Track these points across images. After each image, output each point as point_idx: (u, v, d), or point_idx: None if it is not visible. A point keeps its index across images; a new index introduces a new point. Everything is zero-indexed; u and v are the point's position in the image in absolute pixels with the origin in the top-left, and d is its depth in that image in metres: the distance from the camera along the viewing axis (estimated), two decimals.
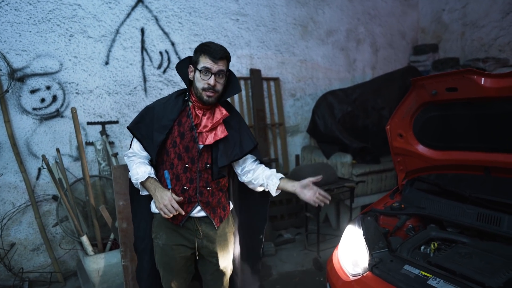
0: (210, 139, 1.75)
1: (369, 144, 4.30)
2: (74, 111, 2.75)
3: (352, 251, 2.04)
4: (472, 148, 2.02)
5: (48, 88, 3.26)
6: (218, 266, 1.90)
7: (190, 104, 1.79)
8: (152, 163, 1.87)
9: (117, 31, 3.54)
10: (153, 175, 1.80)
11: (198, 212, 1.83)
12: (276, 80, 4.63)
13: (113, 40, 3.53)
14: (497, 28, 5.17)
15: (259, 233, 2.09)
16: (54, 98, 3.30)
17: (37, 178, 3.27)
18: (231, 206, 2.00)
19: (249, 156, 1.92)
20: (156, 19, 3.75)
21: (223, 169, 1.83)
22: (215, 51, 1.66)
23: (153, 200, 1.85)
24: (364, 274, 1.84)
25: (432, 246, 1.91)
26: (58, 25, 3.25)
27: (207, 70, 1.66)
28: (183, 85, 3.95)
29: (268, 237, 3.91)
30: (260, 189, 1.95)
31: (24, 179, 3.14)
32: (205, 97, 1.71)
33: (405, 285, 1.64)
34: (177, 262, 1.86)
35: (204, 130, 1.75)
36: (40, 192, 3.29)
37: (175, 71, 3.83)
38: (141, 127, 1.80)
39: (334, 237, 4.04)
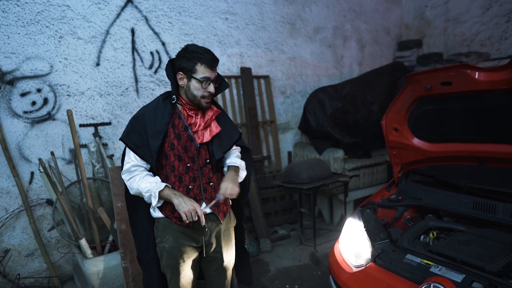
0: (207, 136, 1.80)
1: (360, 139, 4.39)
2: (70, 114, 2.72)
3: (353, 243, 2.09)
4: (466, 140, 2.10)
5: (38, 90, 3.21)
6: (223, 261, 1.95)
7: (180, 106, 1.80)
8: (151, 170, 1.85)
9: (107, 32, 3.50)
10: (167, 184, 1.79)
11: (203, 209, 1.84)
12: (266, 78, 4.66)
13: (104, 41, 3.49)
14: (478, 23, 5.34)
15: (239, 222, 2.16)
16: (45, 100, 3.24)
17: (30, 182, 3.22)
18: (231, 202, 2.04)
19: (232, 149, 1.98)
20: (146, 19, 3.72)
21: (220, 161, 1.88)
22: (212, 60, 1.69)
23: (152, 206, 1.84)
24: (367, 265, 1.90)
25: (431, 235, 1.98)
26: (47, 26, 3.20)
27: (207, 80, 1.70)
28: None
29: (264, 234, 3.95)
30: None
31: (17, 183, 3.08)
32: (204, 104, 1.75)
33: (409, 274, 1.70)
34: (185, 264, 1.87)
35: (199, 129, 1.79)
36: (33, 197, 3.23)
37: None
38: (133, 137, 1.76)
39: (329, 232, 4.12)
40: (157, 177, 1.79)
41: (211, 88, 1.72)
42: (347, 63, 5.55)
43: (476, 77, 1.79)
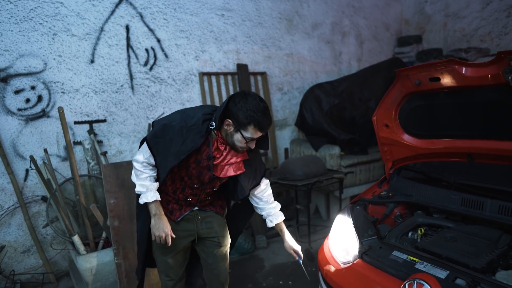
0: (231, 172, 1.83)
1: (356, 135, 4.36)
2: (61, 111, 2.73)
3: (342, 240, 2.09)
4: (456, 136, 2.08)
5: (32, 88, 3.22)
6: (220, 244, 2.01)
7: (214, 136, 1.77)
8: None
9: (102, 29, 3.50)
10: (158, 198, 1.84)
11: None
12: (263, 74, 4.64)
13: (98, 38, 3.49)
14: (478, 18, 5.28)
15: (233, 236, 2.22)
16: (40, 98, 3.26)
17: (25, 179, 3.24)
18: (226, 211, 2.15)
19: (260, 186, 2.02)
20: (141, 16, 3.72)
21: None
22: (266, 127, 1.70)
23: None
24: (355, 262, 1.89)
25: (419, 232, 1.97)
26: (40, 23, 3.20)
27: (252, 139, 1.72)
28: (170, 82, 3.94)
29: (260, 230, 3.95)
30: (261, 214, 2.10)
31: (11, 180, 3.10)
32: (239, 149, 1.78)
33: (394, 270, 1.69)
34: (176, 248, 1.94)
35: (223, 163, 1.81)
36: (28, 194, 3.25)
37: (162, 68, 3.87)
38: (158, 142, 1.75)
39: (325, 228, 4.11)
40: (157, 185, 1.83)
41: (252, 145, 1.75)
42: (345, 59, 5.52)
43: (463, 72, 1.77)
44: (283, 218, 2.11)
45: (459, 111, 2.04)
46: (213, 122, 1.71)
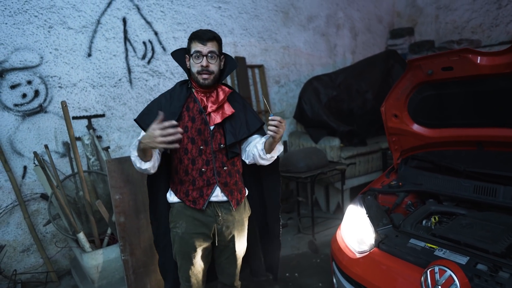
0: (218, 118, 1.80)
1: (355, 127, 4.40)
2: (64, 105, 2.65)
3: (356, 230, 2.10)
4: (466, 125, 2.11)
5: (29, 82, 3.12)
6: (234, 250, 1.96)
7: (194, 90, 1.84)
8: (161, 150, 1.82)
9: (98, 22, 3.41)
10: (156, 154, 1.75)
11: (218, 195, 1.86)
12: (260, 67, 4.62)
13: (95, 31, 3.40)
14: (469, 11, 5.36)
15: (275, 214, 2.16)
16: (36, 93, 3.16)
17: (23, 177, 3.15)
18: (247, 192, 2.03)
19: (253, 138, 1.95)
20: (138, 8, 3.64)
21: (234, 147, 1.86)
22: (203, 34, 1.74)
23: (169, 190, 1.92)
24: (371, 251, 1.91)
25: (433, 219, 2.00)
26: (35, 16, 3.10)
27: (198, 53, 1.73)
28: (168, 76, 3.88)
29: None
30: (261, 161, 1.88)
31: (9, 178, 3.01)
32: (201, 80, 1.76)
33: (413, 258, 1.71)
34: (196, 251, 1.88)
35: (211, 111, 1.80)
36: (27, 191, 3.17)
37: (160, 62, 3.81)
38: (147, 119, 1.77)
39: (326, 220, 4.14)
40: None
41: (204, 61, 1.72)
42: (340, 52, 5.54)
43: (478, 61, 1.79)
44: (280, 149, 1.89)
45: (469, 99, 2.07)
46: (189, 81, 1.85)
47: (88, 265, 2.75)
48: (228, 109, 1.82)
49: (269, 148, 1.80)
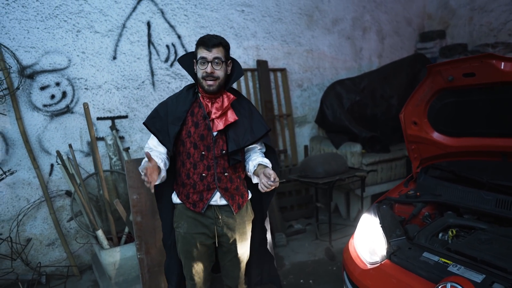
0: (221, 125, 1.81)
1: (378, 133, 4.28)
2: (86, 106, 2.75)
3: (369, 240, 2.04)
4: (489, 134, 2.00)
5: (57, 84, 3.27)
6: (237, 253, 1.96)
7: (200, 95, 1.86)
8: (169, 154, 1.90)
9: (124, 25, 3.52)
10: (162, 165, 1.78)
11: (217, 200, 1.87)
12: (283, 71, 4.60)
13: (120, 35, 3.51)
14: (506, 12, 5.09)
15: (260, 222, 2.13)
16: (64, 94, 3.30)
17: (50, 174, 3.30)
18: (250, 195, 2.02)
19: (256, 147, 1.95)
20: (162, 12, 3.72)
21: (236, 154, 1.85)
22: (208, 40, 1.74)
23: (174, 192, 1.96)
24: (383, 262, 1.85)
25: (450, 233, 1.90)
26: (65, 21, 3.24)
27: (203, 59, 1.73)
28: (190, 78, 3.94)
29: (279, 228, 3.93)
30: (254, 180, 1.88)
31: (37, 175, 3.17)
32: (206, 86, 1.77)
33: (425, 272, 1.64)
34: (198, 250, 1.91)
35: (214, 117, 1.80)
36: (53, 188, 3.31)
37: None
38: (155, 122, 1.85)
39: (345, 227, 4.06)
40: (159, 160, 1.78)
41: (208, 68, 1.73)
42: (366, 55, 5.41)
43: (502, 67, 1.69)
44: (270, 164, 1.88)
45: (493, 107, 1.96)
46: (196, 86, 1.87)
47: (106, 262, 2.83)
48: (231, 116, 1.81)
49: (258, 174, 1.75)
